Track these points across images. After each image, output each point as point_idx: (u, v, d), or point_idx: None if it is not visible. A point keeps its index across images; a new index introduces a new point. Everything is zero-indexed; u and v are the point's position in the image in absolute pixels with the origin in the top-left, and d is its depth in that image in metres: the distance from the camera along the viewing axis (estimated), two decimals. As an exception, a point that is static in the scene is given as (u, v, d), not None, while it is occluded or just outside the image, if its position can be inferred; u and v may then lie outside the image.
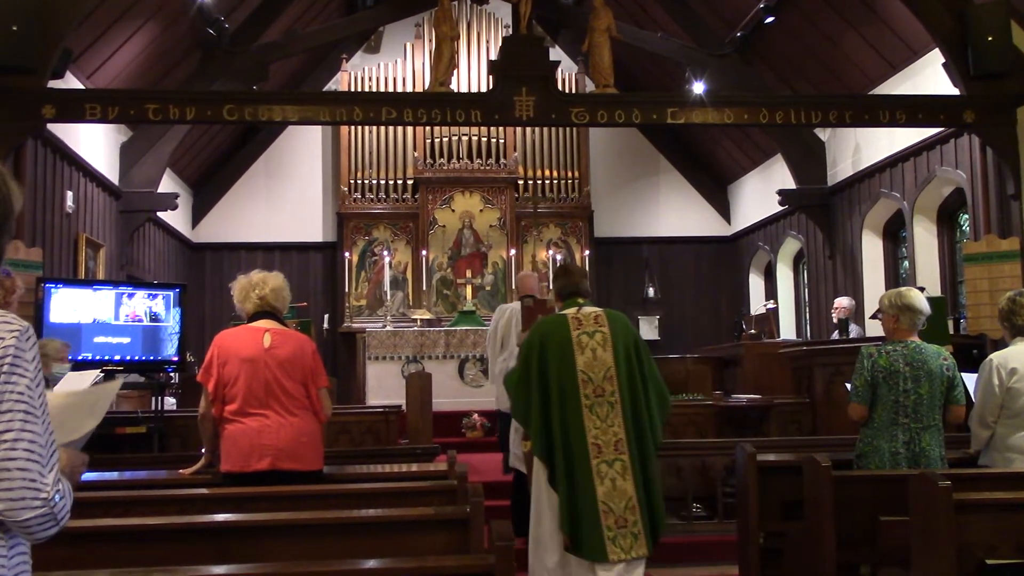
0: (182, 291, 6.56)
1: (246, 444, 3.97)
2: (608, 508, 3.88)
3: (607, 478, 3.91)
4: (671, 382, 8.81)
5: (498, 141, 13.16)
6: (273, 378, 4.03)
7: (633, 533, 3.87)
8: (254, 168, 13.60)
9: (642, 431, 4.01)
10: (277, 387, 4.03)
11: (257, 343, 4.08)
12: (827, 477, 4.02)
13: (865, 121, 8.13)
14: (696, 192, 14.34)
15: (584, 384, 4.00)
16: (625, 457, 3.93)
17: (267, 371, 4.03)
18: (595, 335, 4.09)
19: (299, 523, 3.14)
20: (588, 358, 4.04)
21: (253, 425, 3.99)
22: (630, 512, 3.89)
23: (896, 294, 4.44)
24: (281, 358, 4.06)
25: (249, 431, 3.99)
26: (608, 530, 3.86)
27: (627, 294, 14.02)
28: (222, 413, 4.06)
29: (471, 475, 4.26)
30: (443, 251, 13.02)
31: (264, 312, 4.19)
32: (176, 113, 7.46)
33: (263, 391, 4.02)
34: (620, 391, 4.01)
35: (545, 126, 12.67)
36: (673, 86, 12.01)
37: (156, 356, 6.38)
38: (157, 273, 11.59)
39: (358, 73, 13.19)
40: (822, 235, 11.27)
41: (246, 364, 4.04)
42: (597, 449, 3.93)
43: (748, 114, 7.99)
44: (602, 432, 3.96)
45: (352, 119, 7.82)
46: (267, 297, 4.19)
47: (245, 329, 4.17)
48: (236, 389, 4.03)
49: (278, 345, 4.09)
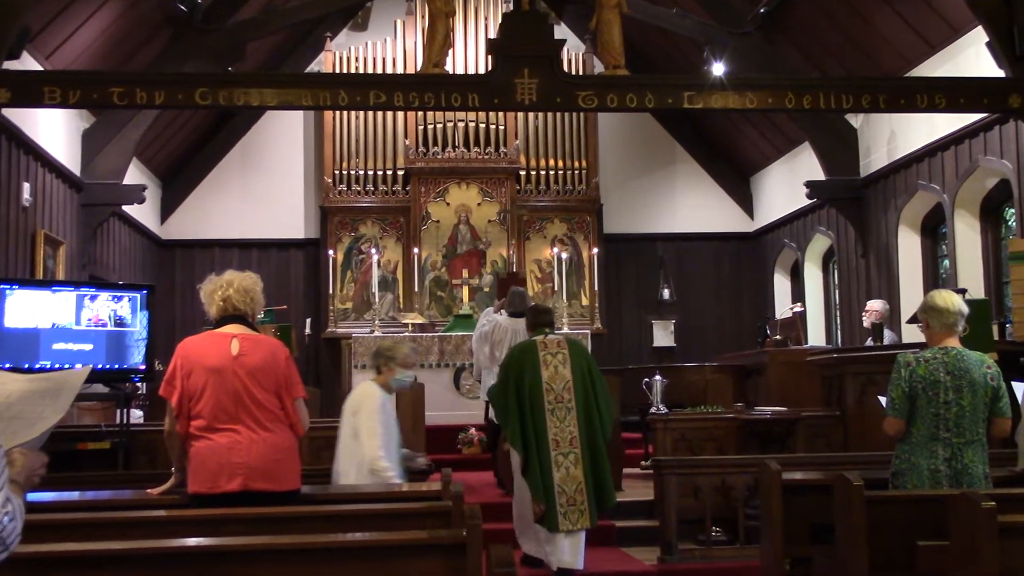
0: (150, 293, 6.55)
1: (215, 463, 3.96)
2: (562, 490, 5.61)
3: (562, 466, 5.66)
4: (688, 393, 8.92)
5: (498, 128, 13.16)
6: (243, 388, 4.01)
7: (580, 510, 5.61)
8: (229, 158, 13.60)
9: (592, 430, 5.76)
10: (248, 398, 4.01)
11: (224, 350, 4.06)
12: (859, 497, 4.01)
13: (901, 106, 8.11)
14: (715, 184, 14.33)
15: (547, 393, 5.77)
16: (577, 450, 5.68)
17: (236, 381, 4.01)
18: (557, 355, 5.88)
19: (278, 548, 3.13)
20: (551, 373, 5.81)
21: (222, 441, 3.97)
22: (579, 494, 5.63)
23: (928, 296, 4.44)
24: (251, 366, 4.05)
25: (218, 448, 3.97)
26: (561, 507, 5.59)
27: (639, 296, 14.02)
28: (188, 429, 4.04)
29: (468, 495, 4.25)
30: (437, 249, 13.02)
31: (231, 316, 4.16)
32: (143, 97, 7.46)
33: (232, 403, 4.00)
34: (575, 399, 5.77)
35: (549, 111, 12.66)
36: (690, 67, 12.01)
37: (121, 364, 6.37)
38: (123, 273, 11.59)
39: (344, 53, 13.19)
40: (854, 231, 11.26)
41: (213, 374, 4.02)
42: (556, 443, 5.68)
43: (772, 98, 7.98)
44: (560, 431, 5.71)
45: (337, 103, 7.81)
46: (232, 299, 4.16)
47: (210, 335, 4.15)
48: (203, 402, 4.01)
49: (247, 352, 4.07)
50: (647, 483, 7.41)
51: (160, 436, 4.41)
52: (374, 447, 4.76)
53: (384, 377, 5.05)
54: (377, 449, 4.73)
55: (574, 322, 12.40)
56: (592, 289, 13.20)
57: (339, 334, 12.52)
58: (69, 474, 5.56)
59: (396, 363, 5.02)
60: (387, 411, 4.93)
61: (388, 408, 4.95)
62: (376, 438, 4.77)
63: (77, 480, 5.29)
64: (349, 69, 13.00)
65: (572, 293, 13.03)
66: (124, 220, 11.69)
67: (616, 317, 13.83)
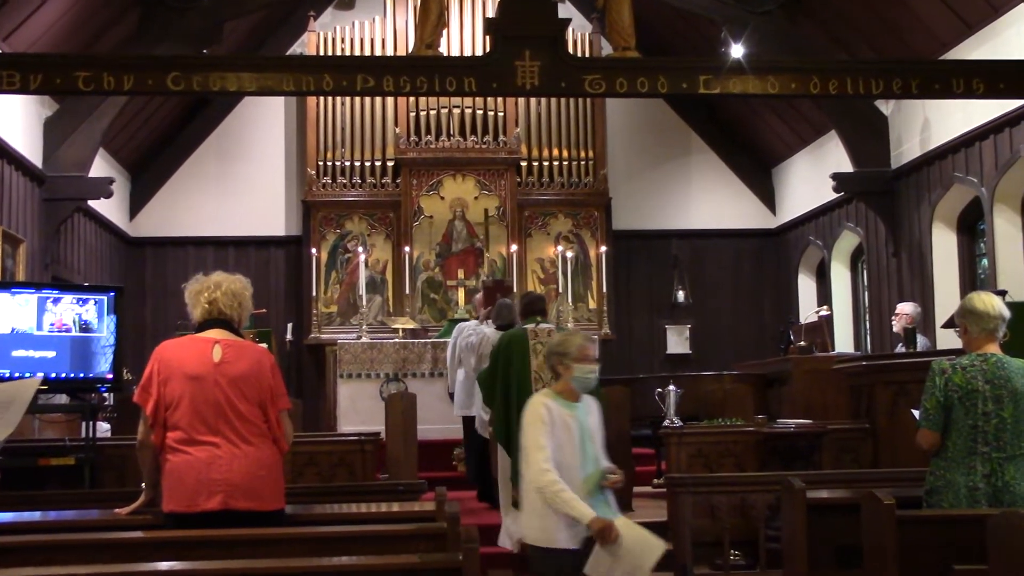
0: (118, 295, 6.55)
1: (193, 479, 3.97)
2: None
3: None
4: (704, 404, 8.93)
5: (496, 115, 13.17)
6: (225, 399, 4.03)
7: None
8: (204, 148, 13.61)
9: None
10: (229, 410, 4.03)
11: (205, 357, 4.08)
12: (890, 517, 4.02)
13: (935, 92, 8.12)
14: (734, 176, 14.34)
15: (536, 380, 6.39)
16: None
17: (217, 390, 4.03)
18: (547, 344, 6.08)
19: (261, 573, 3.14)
20: (541, 361, 6.36)
21: (201, 456, 3.99)
22: None
23: (966, 299, 4.45)
24: (234, 375, 4.06)
25: (196, 463, 3.98)
26: None
27: (651, 299, 14.02)
28: (164, 441, 4.05)
29: (464, 517, 4.27)
30: (430, 247, 13.02)
31: (215, 320, 4.18)
32: (111, 82, 7.46)
33: (213, 415, 4.02)
34: None
35: (553, 97, 12.66)
36: (706, 49, 12.01)
37: (87, 373, 6.37)
38: (88, 274, 11.60)
39: (328, 34, 13.20)
40: (885, 228, 11.27)
41: (192, 382, 4.03)
42: None
43: (796, 83, 7.99)
44: None
45: (321, 89, 7.81)
46: (218, 301, 4.18)
47: (191, 340, 4.17)
48: (180, 412, 4.02)
49: (231, 359, 4.09)
50: (659, 503, 7.42)
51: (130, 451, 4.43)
52: (537, 460, 4.32)
53: (563, 382, 4.56)
54: (541, 462, 4.29)
55: (580, 327, 12.38)
56: (600, 291, 13.20)
57: (323, 340, 12.52)
58: (30, 492, 5.56)
59: (570, 359, 4.52)
60: (559, 420, 4.42)
61: (561, 416, 4.43)
62: (540, 451, 4.32)
63: (39, 499, 5.29)
64: (334, 51, 13.01)
65: (578, 295, 13.04)
66: (90, 216, 11.70)
67: (626, 321, 13.83)
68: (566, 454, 4.37)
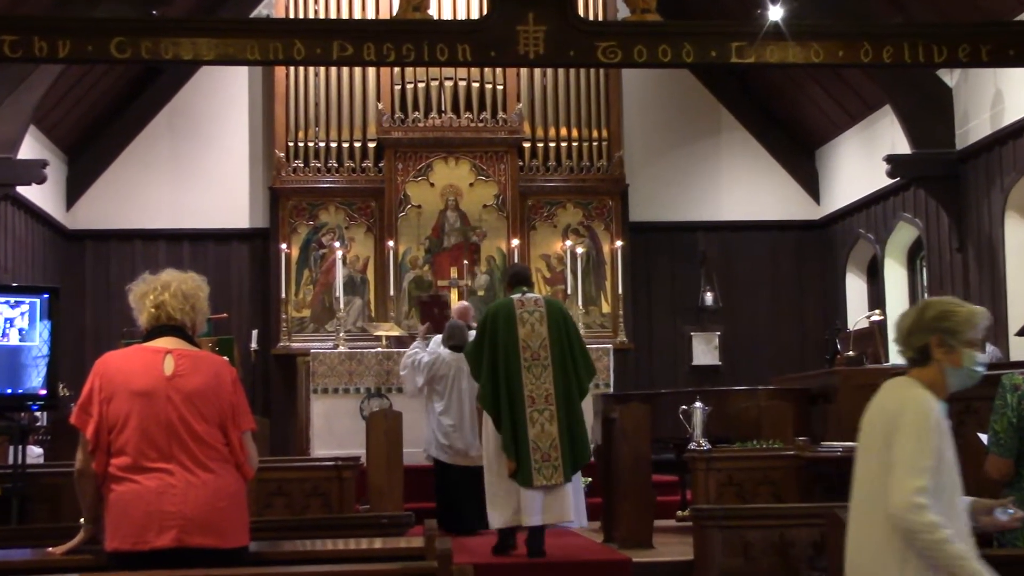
0: (53, 297, 6.54)
1: (141, 512, 3.96)
2: (536, 446, 7.19)
3: (537, 423, 7.23)
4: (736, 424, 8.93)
5: (495, 88, 13.19)
6: (178, 418, 4.02)
7: (554, 466, 7.17)
8: (153, 127, 13.63)
9: (568, 388, 7.36)
10: (184, 431, 4.02)
11: (155, 370, 4.07)
12: (955, 557, 4.00)
13: (1009, 59, 8.13)
14: (772, 159, 14.37)
15: (523, 350, 7.31)
16: (553, 407, 7.27)
17: (170, 409, 4.02)
18: (534, 314, 7.44)
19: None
20: (527, 331, 7.36)
21: (151, 485, 3.98)
22: (553, 450, 7.20)
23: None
24: (189, 390, 4.05)
25: (146, 493, 3.97)
26: (535, 463, 7.14)
27: (674, 301, 14.02)
28: (107, 469, 4.04)
29: (457, 554, 4.26)
30: (418, 242, 13.04)
31: (165, 327, 4.17)
32: (44, 49, 7.46)
33: (165, 437, 4.00)
34: (552, 356, 7.34)
35: (561, 67, 12.68)
36: (739, 11, 12.02)
37: (16, 389, 6.36)
38: (17, 272, 11.60)
39: (299, -7, 13.23)
40: (948, 219, 11.27)
41: (140, 399, 4.02)
42: (531, 400, 7.27)
43: (844, 50, 7.99)
44: (536, 387, 7.29)
45: (291, 57, 7.83)
46: (166, 304, 4.16)
47: (138, 351, 4.15)
48: (127, 435, 4.01)
49: (184, 372, 4.08)
50: (685, 538, 7.43)
51: (67, 479, 4.41)
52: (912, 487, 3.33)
53: (934, 369, 3.58)
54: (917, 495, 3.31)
55: (592, 334, 12.37)
56: (615, 292, 13.21)
57: (294, 349, 12.53)
58: (-49, 528, 5.56)
59: (961, 339, 3.56)
60: (945, 430, 3.50)
61: (945, 428, 3.51)
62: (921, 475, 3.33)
63: (-39, 535, 5.29)
64: (307, 13, 13.01)
65: (590, 297, 13.04)
66: (19, 205, 11.70)
67: (645, 328, 13.84)
68: (948, 482, 3.46)
